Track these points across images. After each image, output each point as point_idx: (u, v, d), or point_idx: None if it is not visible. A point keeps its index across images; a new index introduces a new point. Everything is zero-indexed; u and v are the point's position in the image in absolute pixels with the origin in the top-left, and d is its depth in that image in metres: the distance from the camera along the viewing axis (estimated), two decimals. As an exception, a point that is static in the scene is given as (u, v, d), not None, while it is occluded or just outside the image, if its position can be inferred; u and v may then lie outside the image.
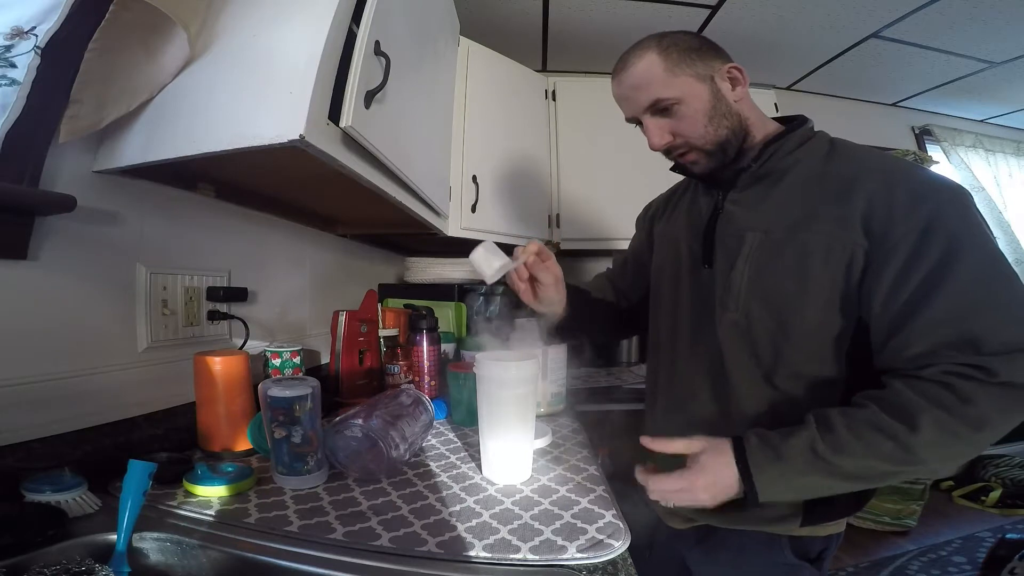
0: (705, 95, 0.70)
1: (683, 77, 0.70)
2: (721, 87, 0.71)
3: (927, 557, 1.89)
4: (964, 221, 0.57)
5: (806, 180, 0.67)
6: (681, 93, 0.70)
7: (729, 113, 0.71)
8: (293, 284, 1.21)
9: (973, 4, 1.72)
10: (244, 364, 0.81)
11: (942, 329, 0.55)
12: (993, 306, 0.54)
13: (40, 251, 0.64)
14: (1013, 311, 0.54)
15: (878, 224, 0.59)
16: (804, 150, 0.70)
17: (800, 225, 0.65)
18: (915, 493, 2.14)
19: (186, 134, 0.67)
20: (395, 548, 0.54)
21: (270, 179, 0.91)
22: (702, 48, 0.72)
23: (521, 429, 0.73)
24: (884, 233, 0.59)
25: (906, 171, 0.61)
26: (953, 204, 0.58)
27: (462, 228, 1.52)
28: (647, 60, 0.71)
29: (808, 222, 0.64)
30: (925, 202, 0.57)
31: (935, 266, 0.55)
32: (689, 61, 0.70)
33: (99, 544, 0.53)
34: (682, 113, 0.70)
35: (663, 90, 0.70)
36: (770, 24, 1.90)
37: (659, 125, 0.73)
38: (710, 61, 0.71)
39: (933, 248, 0.56)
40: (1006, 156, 2.75)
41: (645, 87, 0.71)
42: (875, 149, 0.68)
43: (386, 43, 0.78)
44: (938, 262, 0.55)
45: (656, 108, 0.72)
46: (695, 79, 0.70)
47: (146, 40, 0.67)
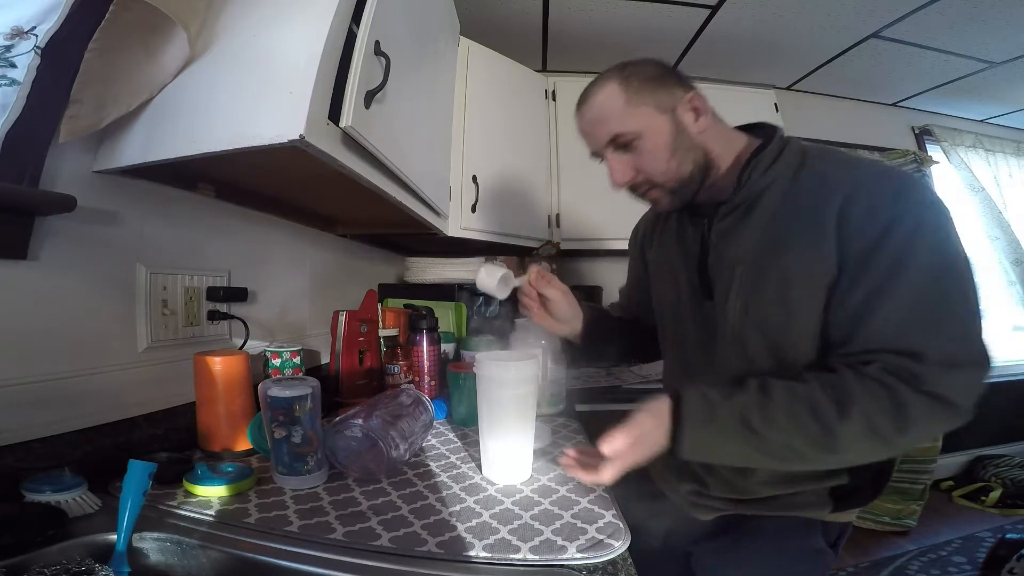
0: (666, 128, 0.69)
1: (643, 108, 0.69)
2: (683, 119, 0.70)
3: (927, 557, 1.89)
4: (921, 232, 0.56)
5: (780, 203, 0.66)
6: (641, 126, 0.69)
7: (692, 146, 0.70)
8: (293, 284, 1.21)
9: (973, 4, 1.72)
10: (244, 364, 0.81)
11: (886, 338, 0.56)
12: (936, 321, 0.55)
13: (40, 251, 0.64)
14: (954, 328, 0.55)
15: (845, 239, 0.60)
16: (776, 168, 0.68)
17: (779, 251, 0.64)
18: (915, 493, 2.14)
19: (186, 134, 0.67)
20: (395, 548, 0.54)
21: (270, 179, 0.91)
22: (664, 77, 0.70)
23: (521, 429, 0.73)
24: (848, 247, 0.59)
25: (871, 183, 0.60)
26: (912, 215, 0.57)
27: (462, 228, 1.52)
28: (607, 91, 0.70)
29: (786, 249, 0.64)
30: (883, 213, 0.58)
31: (884, 276, 0.56)
32: (650, 90, 0.69)
33: (99, 544, 0.53)
34: (643, 148, 0.69)
35: (623, 123, 0.69)
36: (770, 24, 1.90)
37: (621, 161, 0.72)
38: (672, 90, 0.70)
39: (884, 258, 0.56)
40: (1006, 156, 2.75)
41: (605, 120, 0.71)
42: (844, 154, 0.68)
43: (386, 43, 0.78)
44: (886, 272, 0.56)
45: (617, 143, 0.71)
46: (656, 111, 0.69)
47: (146, 40, 0.67)
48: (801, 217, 0.63)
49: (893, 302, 0.56)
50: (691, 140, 0.70)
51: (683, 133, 0.69)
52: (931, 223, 0.57)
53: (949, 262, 0.56)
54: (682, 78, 0.72)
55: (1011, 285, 2.65)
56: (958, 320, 0.55)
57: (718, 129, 0.73)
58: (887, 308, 0.56)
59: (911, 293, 0.55)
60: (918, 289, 0.55)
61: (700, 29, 1.96)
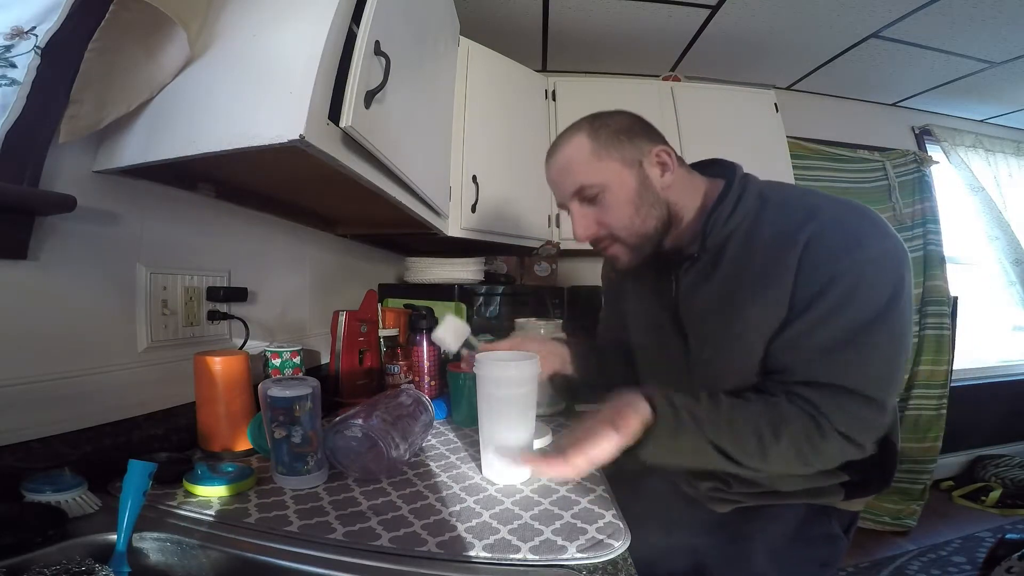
0: (631, 182, 0.69)
1: (609, 162, 0.69)
2: (649, 173, 0.70)
3: (927, 557, 1.89)
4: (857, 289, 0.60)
5: (741, 255, 0.68)
6: (606, 180, 0.69)
7: (656, 202, 0.71)
8: (293, 284, 1.21)
9: (973, 4, 1.72)
10: (244, 364, 0.81)
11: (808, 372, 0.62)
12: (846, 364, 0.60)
13: (40, 251, 0.64)
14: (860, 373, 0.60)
15: (796, 286, 0.63)
16: (736, 216, 0.69)
17: (744, 304, 0.66)
18: (915, 493, 2.14)
19: (186, 134, 0.67)
20: (395, 548, 0.54)
21: (270, 179, 0.91)
22: (633, 129, 0.71)
23: (521, 429, 0.73)
24: (797, 292, 0.63)
25: (825, 237, 0.62)
26: (854, 273, 0.60)
27: (462, 228, 1.52)
28: (575, 142, 0.71)
29: (750, 302, 0.66)
30: (829, 267, 0.61)
31: (816, 320, 0.61)
32: (617, 143, 0.70)
33: (99, 544, 0.53)
34: (607, 202, 0.70)
35: (588, 175, 0.70)
36: (770, 24, 1.90)
37: (585, 214, 0.73)
38: (640, 143, 0.70)
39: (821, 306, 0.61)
40: (1006, 156, 2.75)
41: (571, 171, 0.71)
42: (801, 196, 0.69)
43: (386, 43, 0.78)
44: (819, 318, 0.61)
45: (582, 195, 0.71)
46: (621, 164, 0.69)
47: (146, 40, 0.67)
48: (762, 270, 0.65)
49: (818, 341, 0.61)
50: (655, 195, 0.71)
51: (648, 188, 0.70)
52: (868, 281, 0.61)
53: (873, 316, 0.60)
54: (651, 131, 0.73)
55: (1011, 285, 2.65)
56: (866, 366, 0.60)
57: (683, 181, 0.73)
58: (811, 347, 0.61)
59: (833, 337, 0.61)
60: (839, 335, 0.60)
61: (700, 29, 1.96)
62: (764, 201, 0.69)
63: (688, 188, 0.73)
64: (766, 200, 0.69)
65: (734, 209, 0.69)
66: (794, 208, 0.66)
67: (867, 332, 0.60)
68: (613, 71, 2.33)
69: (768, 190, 0.70)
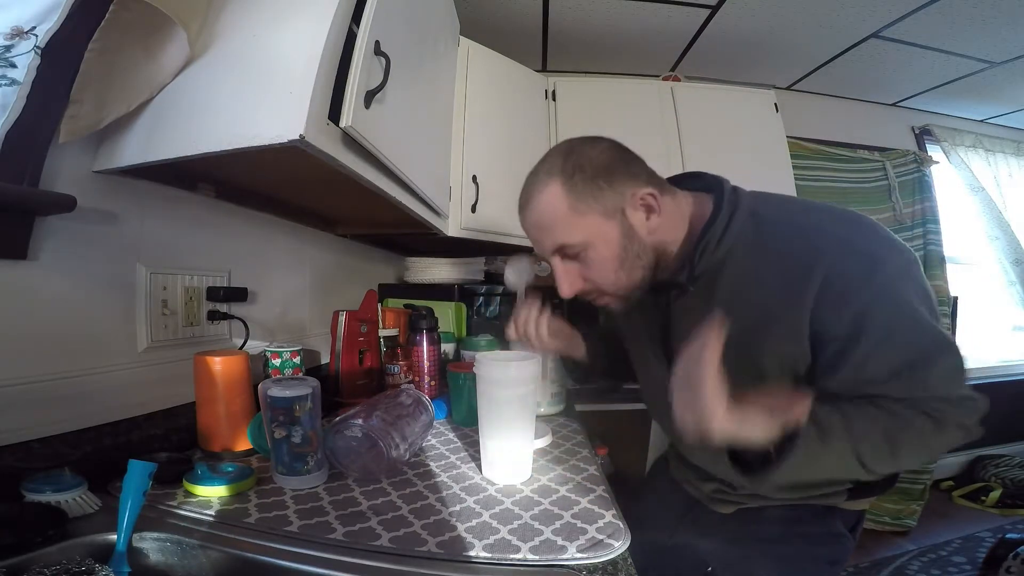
0: (614, 237, 0.64)
1: (589, 217, 0.64)
2: (633, 220, 0.65)
3: (927, 557, 1.89)
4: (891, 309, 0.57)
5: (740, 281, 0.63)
6: (587, 237, 0.65)
7: (643, 250, 0.66)
8: (293, 284, 1.21)
9: (973, 4, 1.72)
10: (244, 364, 0.81)
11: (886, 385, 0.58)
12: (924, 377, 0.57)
13: (40, 251, 0.64)
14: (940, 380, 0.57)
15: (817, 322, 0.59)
16: (727, 238, 0.63)
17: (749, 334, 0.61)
18: (915, 493, 2.14)
19: (186, 134, 0.67)
20: (395, 548, 0.54)
21: (270, 179, 0.91)
22: (612, 168, 0.65)
23: (521, 429, 0.73)
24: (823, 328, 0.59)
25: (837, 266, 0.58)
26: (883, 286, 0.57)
27: (462, 228, 1.52)
28: (550, 193, 0.65)
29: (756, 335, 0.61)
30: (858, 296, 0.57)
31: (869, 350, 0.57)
32: (596, 193, 0.64)
33: (99, 544, 0.53)
34: (591, 259, 0.66)
35: (568, 234, 0.65)
36: (770, 24, 1.90)
37: (568, 271, 0.69)
38: (620, 187, 0.64)
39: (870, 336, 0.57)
40: (1006, 156, 2.75)
41: (549, 229, 0.67)
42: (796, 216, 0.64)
43: (386, 43, 0.78)
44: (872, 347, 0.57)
45: (563, 254, 0.68)
46: (602, 217, 0.64)
47: (146, 40, 0.67)
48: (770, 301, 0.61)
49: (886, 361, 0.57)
50: (641, 243, 0.66)
51: (633, 239, 0.65)
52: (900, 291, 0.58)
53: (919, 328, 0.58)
54: (632, 166, 0.67)
55: (1011, 285, 2.65)
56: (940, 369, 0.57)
57: (669, 215, 0.67)
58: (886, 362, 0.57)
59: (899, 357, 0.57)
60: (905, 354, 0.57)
61: (700, 29, 1.96)
62: (759, 221, 0.64)
63: (675, 219, 0.68)
64: (761, 220, 0.64)
65: (725, 231, 0.64)
66: (795, 230, 0.62)
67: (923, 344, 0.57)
68: (613, 71, 2.33)
69: (761, 206, 0.65)
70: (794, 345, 0.60)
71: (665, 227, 0.67)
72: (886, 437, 0.56)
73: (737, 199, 0.65)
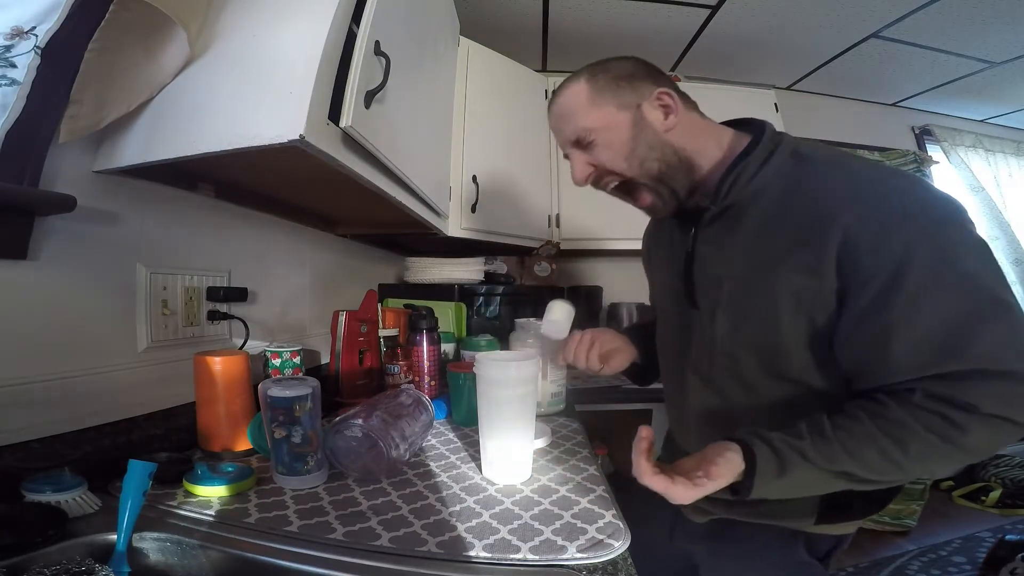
0: (624, 124, 0.67)
1: (605, 107, 0.67)
2: (648, 116, 0.66)
3: (927, 557, 1.89)
4: (943, 249, 0.52)
5: (771, 215, 0.61)
6: (598, 123, 0.67)
7: (656, 144, 0.66)
8: (293, 284, 1.21)
9: (973, 4, 1.72)
10: (244, 364, 0.81)
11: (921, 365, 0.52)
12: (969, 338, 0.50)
13: (40, 251, 0.64)
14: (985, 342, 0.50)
15: (848, 263, 0.55)
16: (766, 172, 0.62)
17: (768, 269, 0.60)
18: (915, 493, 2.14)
19: (186, 134, 0.67)
20: (395, 548, 0.54)
21: (270, 179, 0.91)
22: (635, 75, 0.68)
23: (521, 429, 0.73)
24: (854, 272, 0.55)
25: (878, 197, 0.55)
26: (931, 232, 0.53)
27: (462, 228, 1.52)
28: (574, 89, 0.70)
29: (775, 267, 0.59)
30: (898, 233, 0.53)
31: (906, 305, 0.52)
32: (615, 89, 0.67)
33: (99, 544, 0.53)
34: (600, 143, 0.68)
35: (582, 120, 0.68)
36: (770, 24, 1.90)
37: (580, 158, 0.71)
38: (640, 87, 0.67)
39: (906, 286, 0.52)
40: (1006, 156, 2.75)
41: (567, 117, 0.70)
42: (841, 157, 0.62)
43: (386, 43, 0.78)
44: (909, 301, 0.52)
45: (579, 142, 0.70)
46: (616, 108, 0.67)
47: (146, 40, 0.67)
48: (795, 234, 0.58)
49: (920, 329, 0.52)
50: (655, 137, 0.67)
51: (644, 130, 0.66)
52: (954, 239, 0.53)
53: (979, 276, 0.52)
54: (657, 75, 0.69)
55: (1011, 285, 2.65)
56: (992, 332, 0.50)
57: (694, 125, 0.69)
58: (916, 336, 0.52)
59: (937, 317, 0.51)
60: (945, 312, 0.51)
61: (700, 29, 1.96)
62: (800, 159, 0.62)
63: (702, 134, 0.68)
64: (802, 157, 0.62)
65: (763, 163, 0.62)
66: (834, 169, 0.59)
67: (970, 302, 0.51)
68: (613, 71, 2.33)
69: (804, 147, 0.64)
70: (810, 278, 0.57)
71: (686, 133, 0.68)
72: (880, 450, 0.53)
73: (780, 139, 0.65)
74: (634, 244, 0.96)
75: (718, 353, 0.67)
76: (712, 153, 0.68)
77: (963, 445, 0.51)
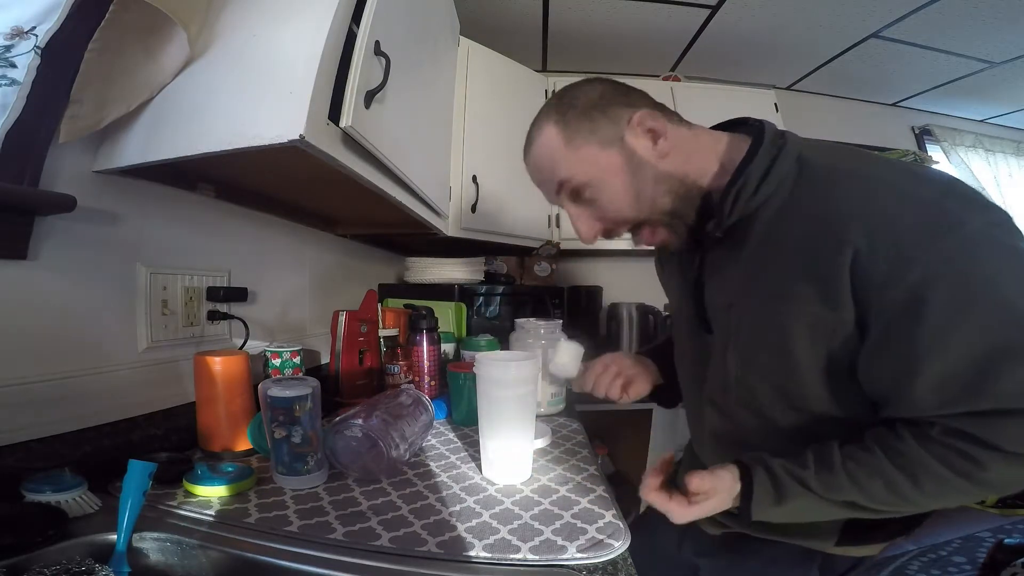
0: (617, 166, 0.59)
1: (585, 149, 0.59)
2: (637, 147, 0.59)
3: (927, 557, 1.89)
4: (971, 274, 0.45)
5: (770, 235, 0.56)
6: (586, 173, 0.60)
7: (659, 177, 0.59)
8: (293, 284, 1.21)
9: (973, 4, 1.72)
10: (244, 364, 0.81)
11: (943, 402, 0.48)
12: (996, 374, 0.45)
13: (40, 251, 0.64)
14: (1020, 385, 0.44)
15: (862, 289, 0.49)
16: (768, 184, 0.55)
17: (776, 298, 0.55)
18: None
19: (186, 134, 0.67)
20: (395, 548, 0.54)
21: (270, 179, 0.91)
22: (605, 99, 0.60)
23: (521, 429, 0.73)
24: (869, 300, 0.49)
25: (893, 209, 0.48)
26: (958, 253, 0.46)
27: (462, 228, 1.52)
28: (545, 135, 0.62)
29: (784, 296, 0.54)
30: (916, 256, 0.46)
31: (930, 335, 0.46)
32: (589, 125, 0.59)
33: (99, 544, 0.53)
34: (600, 194, 0.60)
35: (567, 169, 0.61)
36: (770, 24, 1.90)
37: (580, 214, 0.64)
38: (616, 114, 0.59)
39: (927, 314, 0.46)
40: (1006, 156, 2.75)
41: (549, 170, 0.63)
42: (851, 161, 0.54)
43: (386, 43, 0.78)
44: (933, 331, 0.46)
45: (569, 193, 0.63)
46: (599, 147, 0.59)
47: (146, 40, 0.67)
48: (801, 259, 0.52)
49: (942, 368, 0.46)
50: (654, 170, 0.59)
51: (641, 166, 0.59)
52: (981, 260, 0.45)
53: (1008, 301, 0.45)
54: (628, 94, 0.62)
55: None
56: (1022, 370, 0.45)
57: (687, 143, 0.61)
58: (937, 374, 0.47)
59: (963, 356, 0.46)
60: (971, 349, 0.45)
61: (700, 29, 1.96)
62: (803, 166, 0.55)
63: (696, 150, 0.61)
64: (805, 164, 0.55)
65: (765, 175, 0.55)
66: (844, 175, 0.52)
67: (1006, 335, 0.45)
68: (613, 71, 2.33)
69: (809, 151, 0.56)
70: (825, 308, 0.51)
71: (683, 155, 0.60)
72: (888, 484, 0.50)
73: (783, 142, 0.57)
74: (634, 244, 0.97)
75: (732, 384, 0.63)
76: (709, 167, 0.61)
77: (980, 480, 0.48)
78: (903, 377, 0.49)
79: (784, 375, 0.57)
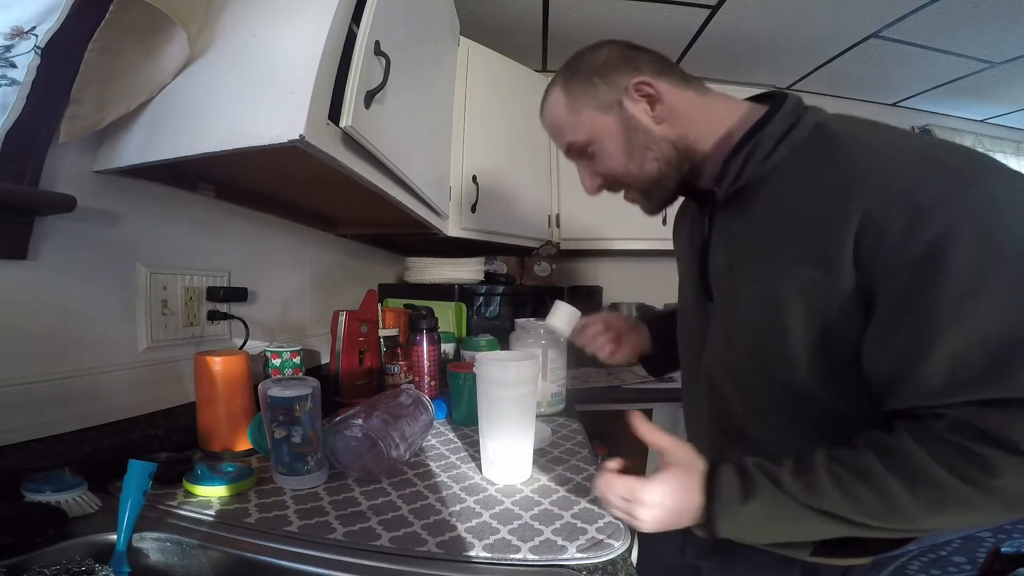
0: (614, 130, 0.63)
1: (587, 113, 0.64)
2: (634, 112, 0.61)
3: (927, 557, 1.89)
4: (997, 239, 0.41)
5: (777, 196, 0.54)
6: (588, 134, 0.64)
7: (652, 142, 0.62)
8: (293, 284, 1.21)
9: (973, 4, 1.72)
10: (244, 364, 0.81)
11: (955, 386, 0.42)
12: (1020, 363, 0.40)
13: (40, 251, 0.64)
14: None
15: (869, 255, 0.45)
16: (784, 148, 0.54)
17: (772, 259, 0.53)
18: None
19: (186, 134, 0.67)
20: (395, 548, 0.54)
21: (270, 179, 0.91)
22: (608, 65, 0.63)
23: (521, 429, 0.73)
24: (877, 266, 0.45)
25: (911, 169, 0.44)
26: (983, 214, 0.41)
27: (462, 228, 1.52)
28: (552, 99, 0.68)
29: (780, 258, 0.52)
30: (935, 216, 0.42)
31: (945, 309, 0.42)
32: (591, 90, 0.63)
33: (99, 544, 0.53)
34: (597, 153, 0.65)
35: (569, 133, 0.66)
36: (770, 24, 1.90)
37: (585, 170, 0.69)
38: (615, 80, 0.62)
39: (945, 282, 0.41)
40: (1006, 156, 2.75)
41: (557, 133, 0.69)
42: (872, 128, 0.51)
43: (386, 43, 0.78)
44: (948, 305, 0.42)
45: (575, 152, 0.68)
46: (598, 111, 0.63)
47: (146, 40, 0.67)
48: (802, 219, 0.50)
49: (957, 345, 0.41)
50: (649, 136, 0.62)
51: (637, 131, 0.62)
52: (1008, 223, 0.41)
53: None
54: (633, 59, 0.63)
55: None
56: None
57: (692, 106, 0.62)
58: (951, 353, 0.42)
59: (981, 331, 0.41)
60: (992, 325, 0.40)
61: (700, 29, 1.95)
62: (822, 132, 0.53)
63: (701, 114, 0.62)
64: (824, 131, 0.53)
65: (779, 142, 0.54)
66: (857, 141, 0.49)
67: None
68: (613, 71, 2.33)
69: (833, 122, 0.54)
70: (820, 272, 0.48)
71: (683, 119, 0.62)
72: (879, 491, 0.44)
73: (803, 111, 0.56)
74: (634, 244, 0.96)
75: (726, 356, 0.62)
76: (715, 131, 0.61)
77: (990, 489, 0.40)
78: (911, 356, 0.44)
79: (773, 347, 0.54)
